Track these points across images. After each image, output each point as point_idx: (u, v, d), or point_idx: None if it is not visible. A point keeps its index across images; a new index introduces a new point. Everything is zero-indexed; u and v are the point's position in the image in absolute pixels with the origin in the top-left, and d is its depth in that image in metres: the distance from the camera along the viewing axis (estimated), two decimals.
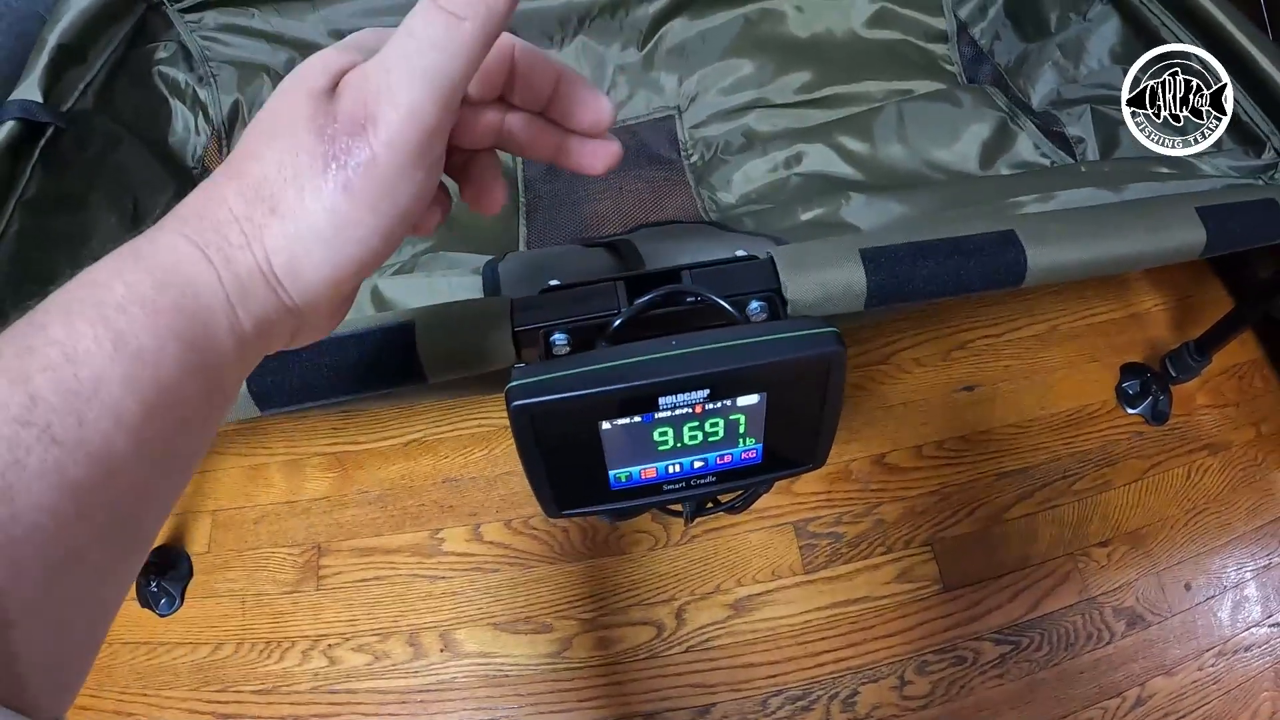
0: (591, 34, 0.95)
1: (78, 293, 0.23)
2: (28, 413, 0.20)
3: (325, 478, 0.99)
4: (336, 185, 0.24)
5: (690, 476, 0.48)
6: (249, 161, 0.25)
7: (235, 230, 0.24)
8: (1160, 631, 0.87)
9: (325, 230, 0.24)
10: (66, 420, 0.20)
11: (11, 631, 0.19)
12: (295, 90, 0.25)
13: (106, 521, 0.22)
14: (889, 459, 0.95)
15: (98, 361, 0.21)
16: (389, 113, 0.24)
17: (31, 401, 0.20)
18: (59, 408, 0.20)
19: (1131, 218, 0.56)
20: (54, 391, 0.20)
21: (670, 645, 0.87)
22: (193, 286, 0.24)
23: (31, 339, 0.21)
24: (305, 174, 0.24)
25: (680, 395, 0.42)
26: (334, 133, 0.24)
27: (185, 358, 0.23)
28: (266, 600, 0.93)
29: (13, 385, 0.20)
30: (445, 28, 0.23)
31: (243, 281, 0.25)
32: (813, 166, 0.87)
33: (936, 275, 0.52)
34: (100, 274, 0.23)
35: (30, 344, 0.21)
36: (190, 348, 0.23)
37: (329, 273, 0.25)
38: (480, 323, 0.48)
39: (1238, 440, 0.97)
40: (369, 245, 0.25)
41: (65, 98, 0.80)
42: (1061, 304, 1.06)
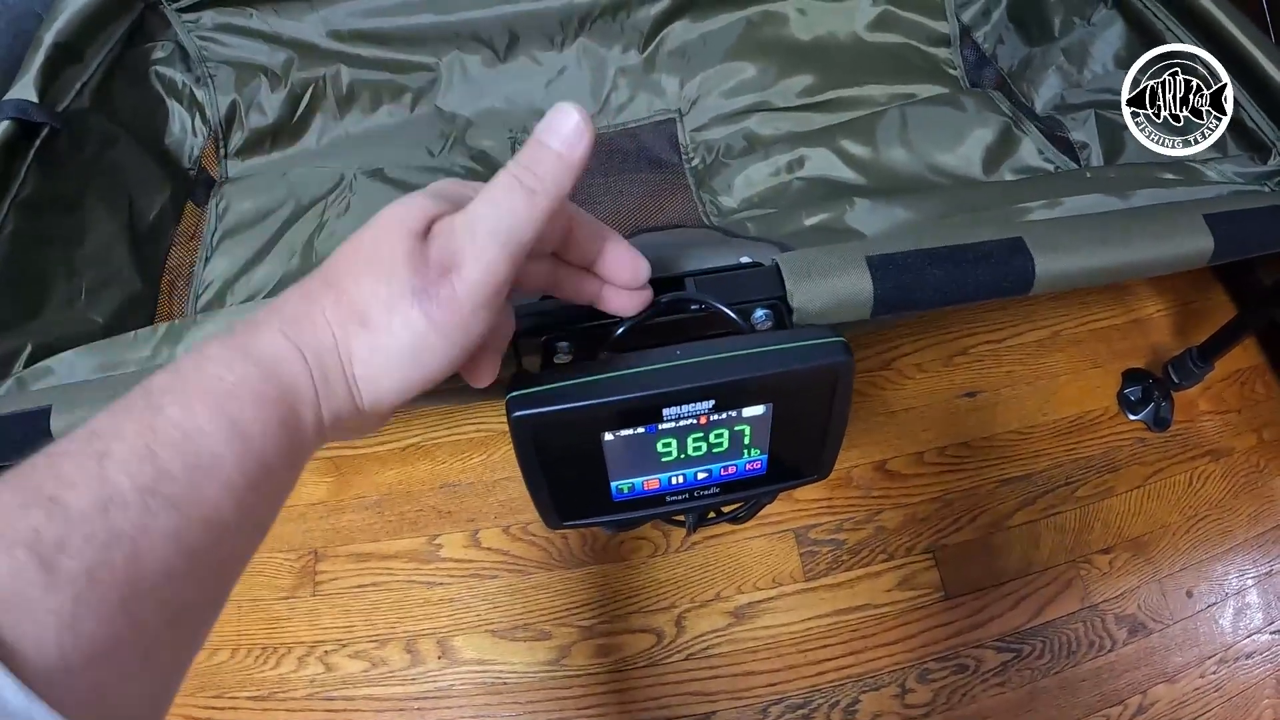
0: (593, 36, 0.94)
1: (192, 376, 0.27)
2: (156, 484, 0.23)
3: (322, 482, 0.98)
4: (422, 314, 0.29)
5: (694, 488, 0.47)
6: (346, 280, 0.30)
7: (328, 335, 0.29)
8: (1162, 639, 0.87)
9: (406, 350, 0.29)
10: (188, 492, 0.24)
11: (129, 684, 0.22)
12: (396, 228, 0.29)
13: (210, 580, 0.25)
14: (890, 465, 0.95)
15: (214, 442, 0.25)
16: (472, 264, 0.29)
17: (159, 474, 0.23)
18: (181, 480, 0.24)
19: (1138, 225, 0.56)
20: (179, 467, 0.24)
21: (670, 653, 0.86)
22: (291, 380, 0.28)
23: (154, 418, 0.25)
24: (397, 300, 0.29)
25: (685, 406, 0.41)
26: (425, 270, 0.29)
27: (281, 440, 0.27)
28: (263, 605, 0.92)
29: (142, 460, 0.23)
30: (524, 200, 0.29)
31: (329, 380, 0.29)
32: (815, 170, 0.86)
33: (944, 283, 0.51)
34: (211, 364, 0.27)
35: (153, 422, 0.24)
36: (285, 432, 0.27)
37: (400, 385, 0.30)
38: None
39: (1239, 447, 0.97)
40: (438, 367, 0.30)
41: (61, 97, 0.79)
42: (1063, 310, 1.06)
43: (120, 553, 0.22)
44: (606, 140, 0.93)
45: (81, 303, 0.77)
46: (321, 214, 0.86)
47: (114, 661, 0.21)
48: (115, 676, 0.21)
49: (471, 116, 0.95)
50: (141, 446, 0.24)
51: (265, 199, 0.88)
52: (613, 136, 0.94)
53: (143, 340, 0.60)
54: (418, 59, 0.94)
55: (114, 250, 0.81)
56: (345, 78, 0.93)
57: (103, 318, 0.76)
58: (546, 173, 0.29)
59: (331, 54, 0.93)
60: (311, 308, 0.29)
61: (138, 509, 0.22)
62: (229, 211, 0.89)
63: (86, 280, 0.77)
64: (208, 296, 0.84)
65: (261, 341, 0.28)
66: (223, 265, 0.85)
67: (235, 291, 0.83)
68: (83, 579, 0.21)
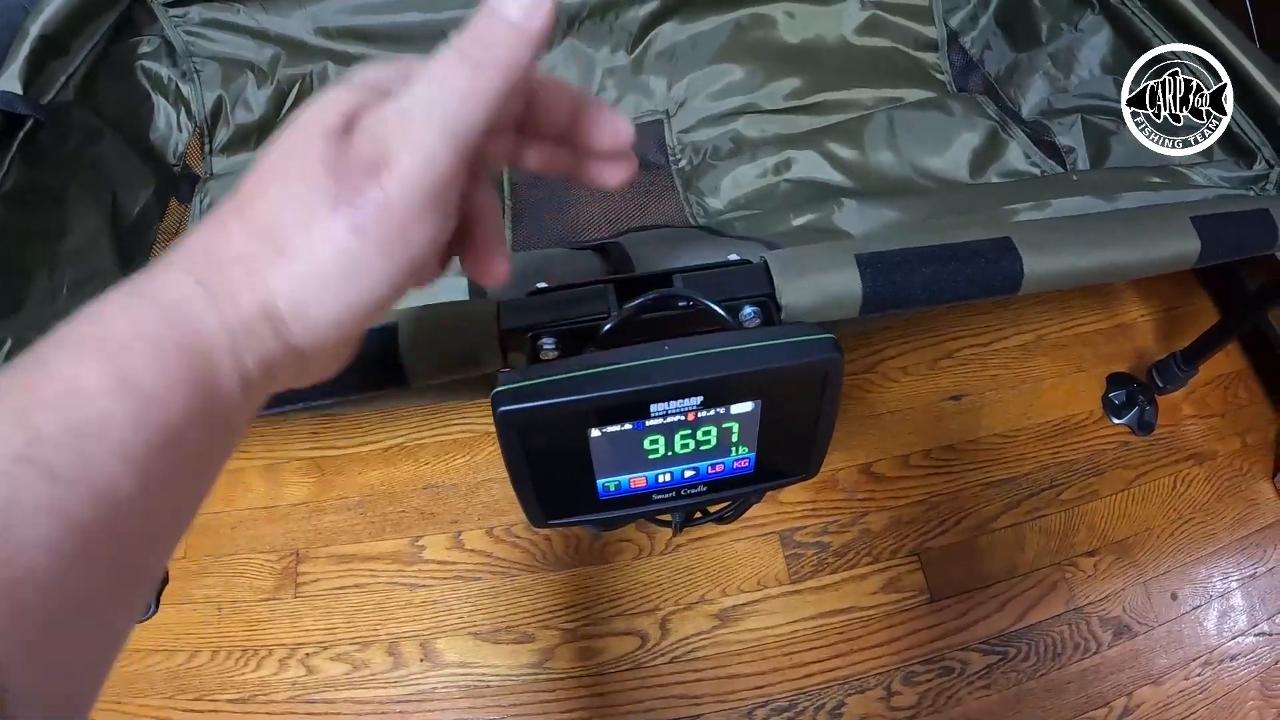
0: (580, 36, 0.94)
1: (82, 328, 0.22)
2: (29, 449, 0.19)
3: (304, 483, 0.97)
4: (346, 226, 0.23)
5: (681, 486, 0.47)
6: (256, 199, 0.24)
7: (240, 269, 0.24)
8: (1147, 641, 0.87)
9: (333, 273, 0.24)
10: (69, 457, 0.20)
11: (7, 676, 0.18)
12: (306, 127, 0.24)
13: (110, 559, 0.21)
14: (875, 468, 0.95)
15: (103, 399, 0.21)
16: (404, 157, 0.23)
17: (33, 438, 0.20)
18: (62, 444, 0.20)
19: (1126, 227, 0.56)
20: (57, 428, 0.20)
21: (654, 656, 0.85)
22: (196, 324, 0.23)
23: (34, 374, 0.21)
24: (314, 213, 0.24)
25: (673, 402, 0.41)
26: (346, 173, 0.23)
27: (191, 395, 0.23)
28: (243, 607, 0.91)
29: (15, 422, 0.20)
30: (468, 76, 0.23)
31: (246, 320, 0.24)
32: (802, 173, 0.86)
33: (933, 282, 0.51)
34: (105, 309, 0.23)
35: (33, 380, 0.21)
36: (195, 386, 0.23)
37: (335, 316, 0.25)
38: (466, 325, 0.47)
39: (1223, 450, 0.98)
40: (377, 291, 0.25)
41: (46, 90, 0.78)
42: (1048, 314, 1.07)
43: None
44: None
45: (63, 298, 0.75)
46: None
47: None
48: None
49: None
50: (16, 407, 0.20)
51: None
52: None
53: None
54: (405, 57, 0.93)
55: (97, 245, 0.80)
56: (333, 75, 0.93)
57: None
58: (499, 44, 0.24)
59: (319, 51, 0.92)
60: (218, 238, 0.24)
61: (5, 479, 0.19)
62: (213, 208, 0.88)
63: (69, 275, 0.76)
64: None
65: (162, 282, 0.24)
66: None
67: None
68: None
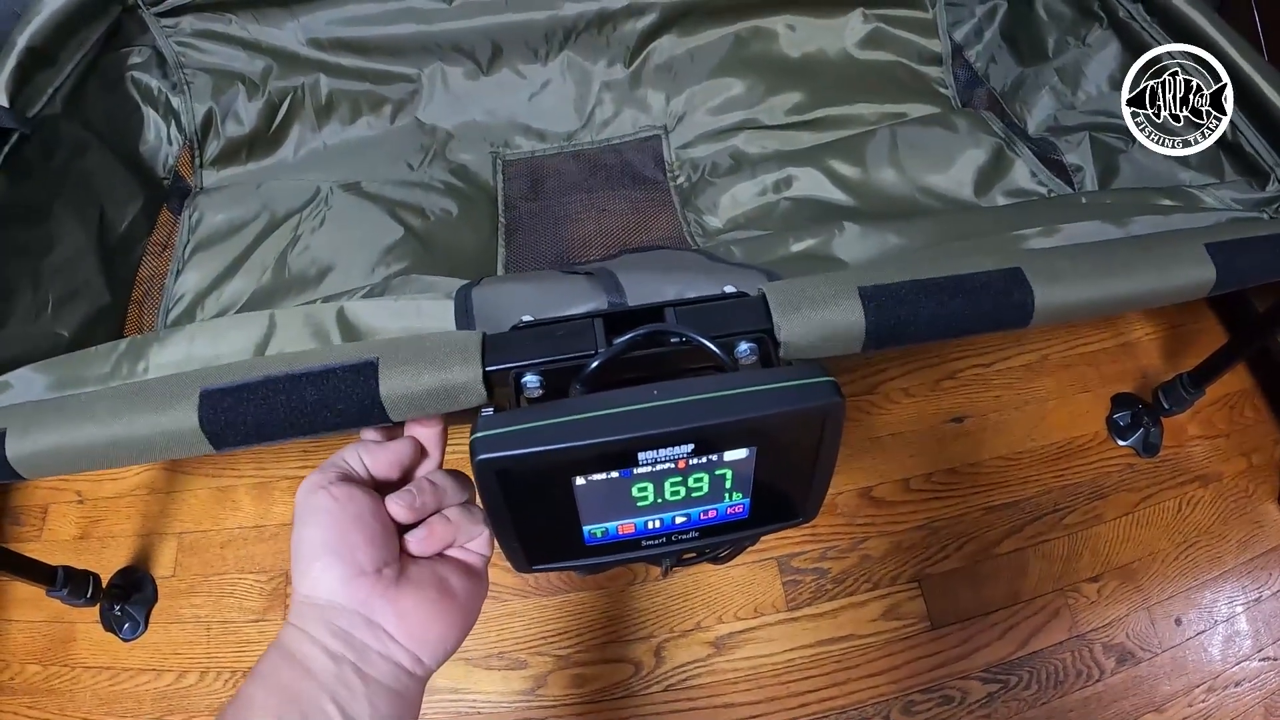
0: (577, 49, 0.92)
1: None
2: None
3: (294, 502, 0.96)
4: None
5: (671, 532, 0.45)
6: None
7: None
8: (1150, 668, 0.85)
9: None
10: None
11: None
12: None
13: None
14: (876, 492, 0.93)
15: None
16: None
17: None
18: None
19: (1140, 255, 0.54)
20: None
21: (648, 684, 0.84)
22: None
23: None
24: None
25: (662, 450, 0.39)
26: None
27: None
28: (232, 628, 0.90)
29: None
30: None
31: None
32: (803, 191, 0.85)
33: (939, 316, 0.49)
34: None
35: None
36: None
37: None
38: (449, 361, 0.45)
39: (1228, 472, 0.96)
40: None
41: (32, 103, 0.77)
42: (1052, 334, 1.05)
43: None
44: (590, 155, 0.92)
45: (48, 316, 0.74)
46: (295, 228, 0.83)
47: None
48: None
49: (452, 129, 0.93)
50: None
51: (238, 211, 0.86)
52: (597, 151, 0.92)
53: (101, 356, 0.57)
54: (398, 69, 0.92)
55: (83, 261, 0.79)
56: (324, 87, 0.91)
57: (68, 331, 0.74)
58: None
59: (311, 62, 0.90)
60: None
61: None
62: (202, 224, 0.86)
63: (54, 292, 0.75)
64: (178, 310, 0.82)
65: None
66: (194, 279, 0.82)
67: (206, 307, 0.81)
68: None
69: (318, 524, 0.34)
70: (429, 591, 0.35)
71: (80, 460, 0.46)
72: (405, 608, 0.34)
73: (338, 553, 0.34)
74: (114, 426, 0.45)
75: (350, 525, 0.34)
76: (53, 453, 0.46)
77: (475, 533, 0.39)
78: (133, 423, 0.45)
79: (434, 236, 0.82)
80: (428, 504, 0.38)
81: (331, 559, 0.33)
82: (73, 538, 0.98)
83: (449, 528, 0.38)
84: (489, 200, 0.89)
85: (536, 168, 0.91)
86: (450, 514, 0.38)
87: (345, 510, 0.35)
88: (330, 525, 0.34)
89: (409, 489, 0.37)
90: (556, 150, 0.93)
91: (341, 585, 0.33)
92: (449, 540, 0.38)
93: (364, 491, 0.36)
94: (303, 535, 0.34)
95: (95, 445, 0.45)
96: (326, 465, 0.37)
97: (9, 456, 0.46)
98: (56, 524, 1.00)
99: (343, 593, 0.33)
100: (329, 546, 0.34)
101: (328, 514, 0.34)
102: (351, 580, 0.33)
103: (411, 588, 0.35)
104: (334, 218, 0.83)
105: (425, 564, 0.37)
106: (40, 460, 0.46)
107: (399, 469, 0.39)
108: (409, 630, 0.34)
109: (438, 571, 0.37)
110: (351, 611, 0.33)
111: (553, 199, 0.89)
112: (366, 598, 0.34)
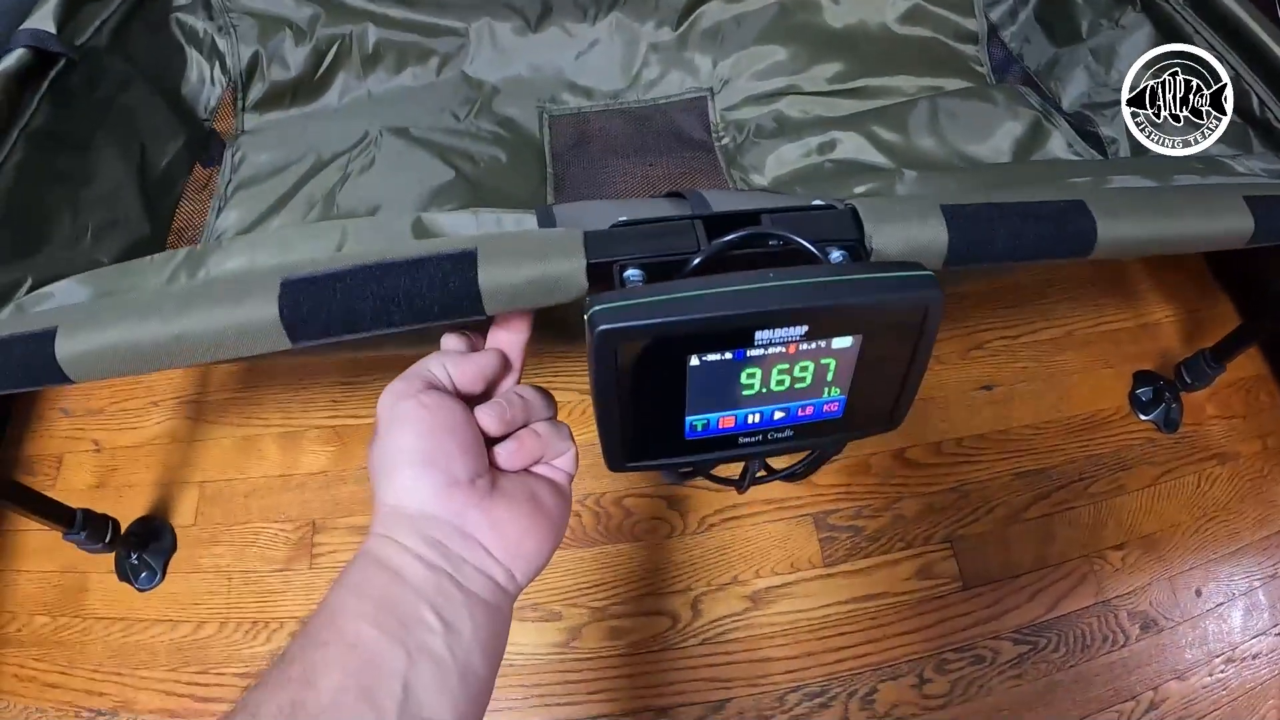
0: (626, 10, 0.93)
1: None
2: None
3: (323, 451, 0.94)
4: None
5: (768, 429, 0.45)
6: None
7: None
8: (1172, 636, 0.87)
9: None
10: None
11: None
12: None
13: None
14: (909, 454, 0.94)
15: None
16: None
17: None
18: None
19: (1184, 201, 0.56)
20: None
21: (685, 637, 0.84)
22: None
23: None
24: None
25: (778, 330, 0.39)
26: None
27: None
28: (255, 578, 0.88)
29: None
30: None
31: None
32: (846, 153, 0.86)
33: (1012, 238, 0.51)
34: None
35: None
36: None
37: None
38: (550, 253, 0.45)
39: (1245, 452, 0.98)
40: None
41: (79, 33, 0.76)
42: (1076, 310, 1.07)
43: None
44: (637, 113, 0.92)
45: (87, 243, 0.73)
46: (345, 167, 0.83)
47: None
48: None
49: (498, 84, 0.93)
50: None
51: (284, 152, 0.85)
52: (643, 110, 0.93)
53: (156, 266, 0.56)
54: (447, 23, 0.92)
55: (123, 193, 0.78)
56: (371, 37, 0.91)
57: (108, 258, 0.73)
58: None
59: (359, 12, 0.90)
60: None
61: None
62: (245, 163, 0.85)
63: (93, 220, 0.74)
64: None
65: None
66: (236, 216, 0.81)
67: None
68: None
69: (409, 431, 0.33)
70: (522, 504, 0.35)
71: (137, 359, 0.43)
72: (499, 519, 0.33)
73: (431, 461, 0.32)
74: (180, 321, 0.42)
75: (443, 434, 0.33)
76: (108, 351, 0.43)
77: (562, 449, 0.38)
78: (203, 316, 0.42)
79: (484, 181, 0.82)
80: (516, 417, 0.37)
81: (424, 467, 0.32)
82: (88, 487, 0.96)
83: (538, 442, 0.37)
84: (537, 153, 0.89)
85: (583, 124, 0.92)
86: (539, 428, 0.38)
87: (437, 418, 0.33)
88: (423, 433, 0.33)
89: (498, 400, 0.37)
90: (603, 107, 0.93)
91: (434, 495, 0.32)
92: (538, 455, 0.37)
93: (455, 400, 0.35)
94: (391, 444, 0.33)
95: (157, 342, 0.42)
96: (410, 375, 0.36)
97: (58, 355, 0.43)
98: (72, 473, 0.97)
99: (435, 502, 0.32)
100: (422, 454, 0.32)
101: (420, 422, 0.33)
102: (445, 490, 0.32)
103: (505, 500, 0.34)
104: (383, 159, 0.83)
105: (515, 478, 0.36)
106: (94, 360, 0.43)
107: (483, 381, 0.38)
108: (503, 543, 0.33)
109: (528, 485, 0.36)
110: (445, 522, 0.32)
111: (599, 154, 0.89)
112: (461, 508, 0.32)
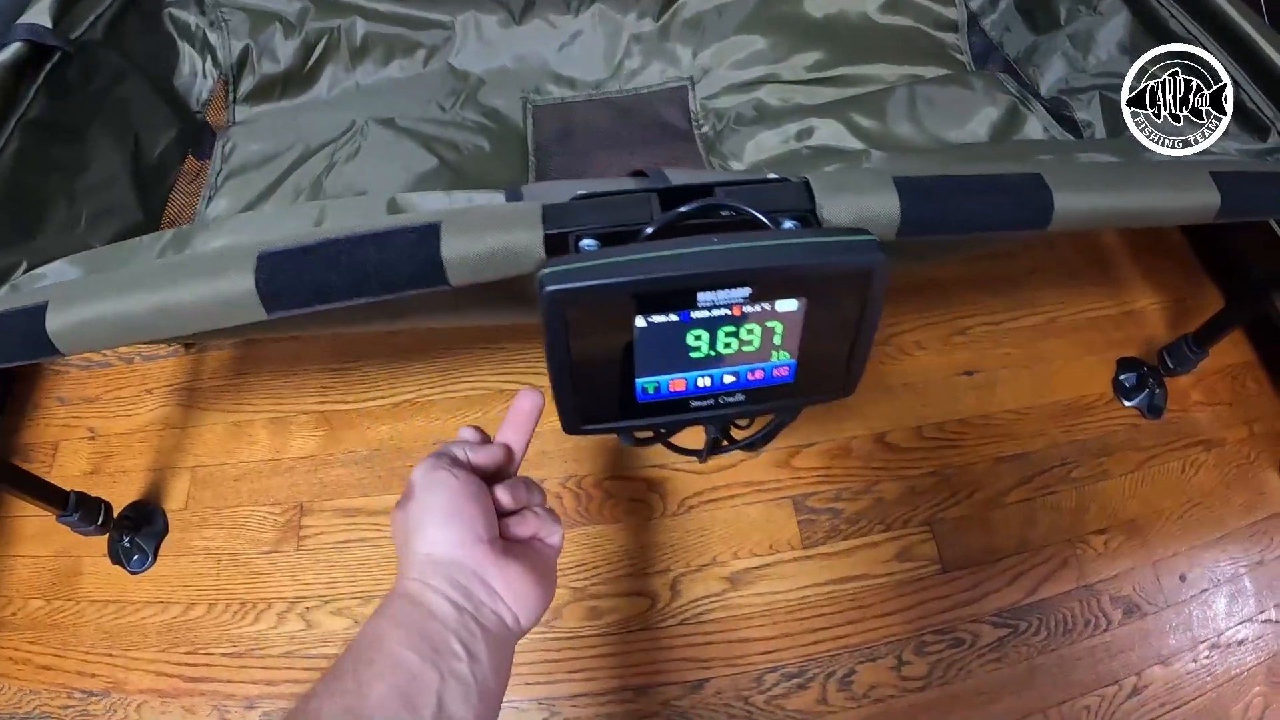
0: (608, 2, 0.95)
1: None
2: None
3: (312, 436, 0.96)
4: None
5: (719, 393, 0.47)
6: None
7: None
8: (1156, 621, 0.87)
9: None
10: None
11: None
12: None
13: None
14: (890, 438, 0.95)
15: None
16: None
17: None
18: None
19: (1150, 174, 0.57)
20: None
21: (664, 617, 0.84)
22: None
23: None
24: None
25: (721, 292, 0.41)
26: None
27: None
28: (244, 560, 0.90)
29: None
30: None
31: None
32: (824, 140, 0.87)
33: (966, 208, 0.51)
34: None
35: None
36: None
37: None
38: (511, 225, 0.47)
39: (1231, 438, 0.98)
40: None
41: (74, 27, 0.79)
42: (1060, 297, 1.07)
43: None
44: (619, 102, 0.94)
45: (81, 229, 0.75)
46: (331, 156, 0.85)
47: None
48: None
49: (483, 75, 0.95)
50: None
51: (274, 142, 0.87)
52: (625, 99, 0.94)
53: (145, 246, 0.58)
54: (433, 16, 0.94)
55: (116, 182, 0.80)
56: (359, 30, 0.93)
57: (102, 244, 0.74)
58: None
59: (348, 6, 0.92)
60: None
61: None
62: (235, 153, 0.88)
63: (88, 208, 0.76)
64: None
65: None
66: (226, 204, 0.83)
67: None
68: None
69: (442, 494, 0.40)
70: (526, 564, 0.41)
71: (124, 330, 0.45)
72: (511, 574, 0.39)
73: (460, 519, 0.39)
74: (163, 293, 0.44)
75: (468, 499, 0.40)
76: (96, 323, 0.45)
77: (553, 529, 0.45)
78: (184, 288, 0.44)
79: (466, 169, 0.83)
80: (522, 498, 0.44)
81: (454, 524, 0.39)
82: (83, 473, 0.98)
83: (537, 520, 0.44)
84: (520, 142, 0.91)
85: (566, 113, 0.93)
86: (537, 510, 0.45)
87: (465, 487, 0.40)
88: (454, 497, 0.40)
89: (513, 483, 0.44)
90: (586, 97, 0.95)
91: (459, 547, 0.39)
92: (536, 531, 0.44)
93: (476, 476, 0.42)
94: (426, 502, 0.40)
95: (142, 313, 0.44)
96: (438, 454, 0.43)
97: (49, 329, 0.45)
98: (67, 460, 0.99)
99: (461, 552, 0.39)
100: (453, 513, 0.39)
101: (450, 489, 0.40)
102: (470, 544, 0.39)
103: (514, 560, 0.40)
104: (369, 148, 0.84)
105: (519, 546, 0.42)
106: (82, 332, 0.45)
107: (494, 466, 0.45)
108: (514, 593, 0.39)
109: (530, 553, 0.42)
110: (469, 570, 0.38)
111: (581, 143, 0.91)
112: (481, 560, 0.39)
